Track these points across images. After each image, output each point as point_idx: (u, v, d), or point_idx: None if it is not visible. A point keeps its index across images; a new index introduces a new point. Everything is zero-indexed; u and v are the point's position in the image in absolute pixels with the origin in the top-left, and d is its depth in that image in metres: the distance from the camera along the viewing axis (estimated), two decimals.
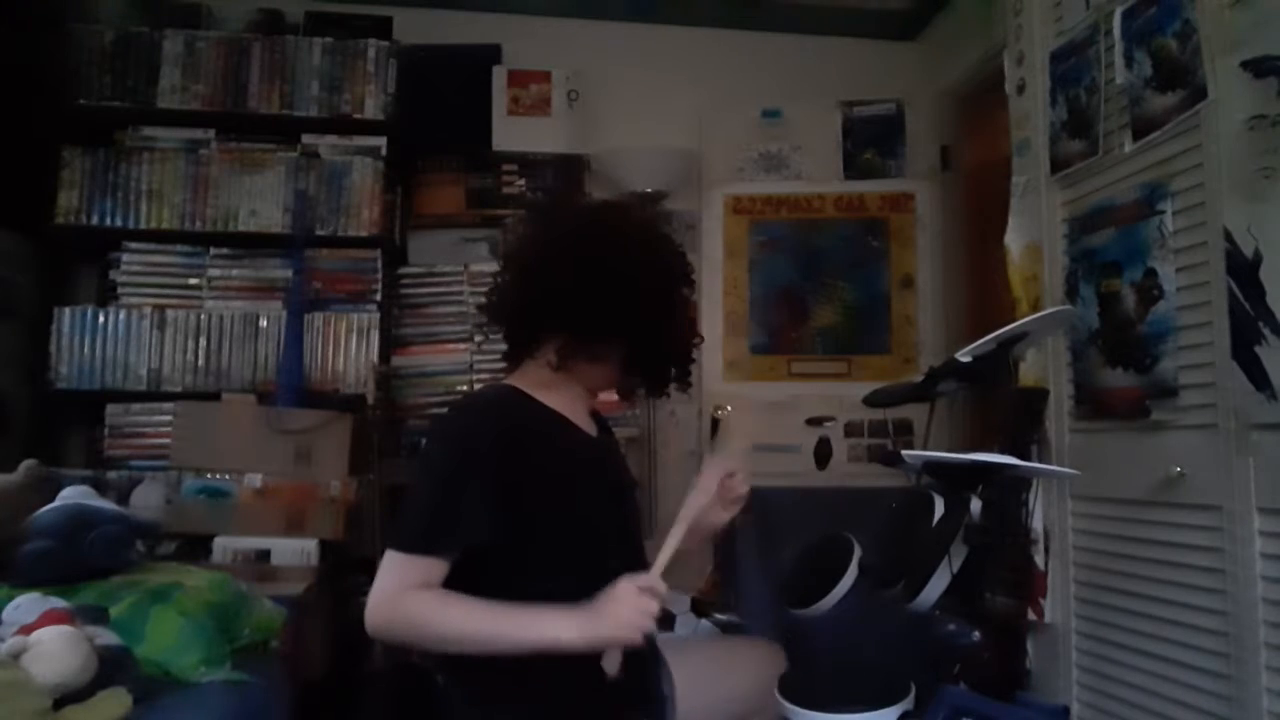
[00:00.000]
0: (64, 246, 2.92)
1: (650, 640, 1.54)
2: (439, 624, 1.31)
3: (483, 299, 1.58)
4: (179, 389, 2.80)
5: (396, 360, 3.08)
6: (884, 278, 3.38)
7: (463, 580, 1.34)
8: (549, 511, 1.40)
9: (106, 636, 1.50)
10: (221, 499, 2.51)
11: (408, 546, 1.34)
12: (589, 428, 1.56)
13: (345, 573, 2.64)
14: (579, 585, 1.38)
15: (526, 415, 1.45)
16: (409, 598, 1.31)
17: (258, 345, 2.86)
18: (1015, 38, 2.35)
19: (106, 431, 2.78)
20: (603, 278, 1.43)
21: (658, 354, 1.52)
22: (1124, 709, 1.90)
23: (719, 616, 2.61)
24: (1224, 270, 1.63)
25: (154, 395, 2.80)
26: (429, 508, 1.35)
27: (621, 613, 1.29)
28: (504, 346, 1.57)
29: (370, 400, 2.81)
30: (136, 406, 2.79)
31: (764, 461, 3.25)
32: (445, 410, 1.59)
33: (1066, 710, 1.96)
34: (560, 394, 1.50)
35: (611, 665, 1.31)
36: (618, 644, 1.30)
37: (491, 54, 3.30)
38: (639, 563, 1.52)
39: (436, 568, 1.33)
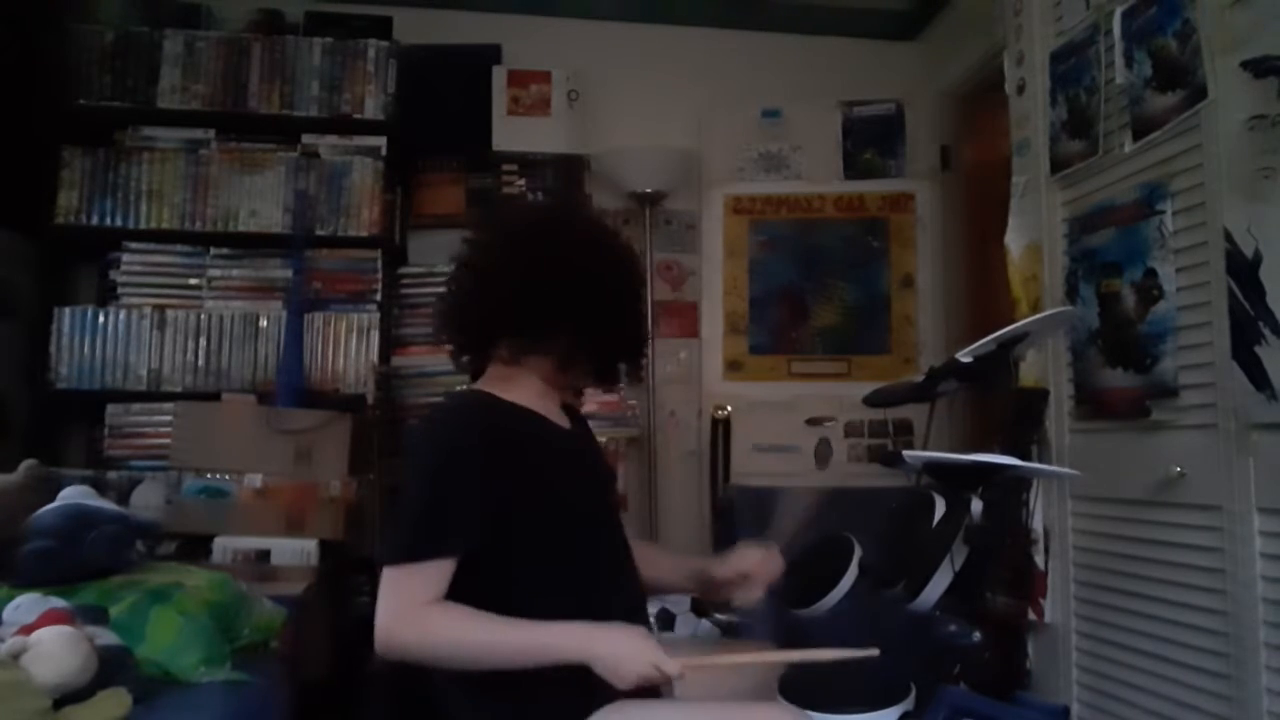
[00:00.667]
0: (64, 246, 2.91)
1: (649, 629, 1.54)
2: (456, 642, 1.31)
3: (435, 307, 1.60)
4: (179, 389, 2.81)
5: (396, 360, 3.08)
6: (884, 278, 3.38)
7: (459, 585, 1.34)
8: (533, 509, 1.40)
9: (106, 636, 1.50)
10: (221, 499, 2.50)
11: (405, 557, 1.33)
12: (561, 421, 1.57)
13: (345, 573, 2.65)
14: (565, 581, 1.39)
15: (503, 415, 1.46)
16: (423, 614, 1.30)
17: (258, 345, 2.86)
18: (1015, 38, 2.35)
19: (106, 431, 2.78)
20: (542, 272, 1.45)
21: (602, 346, 1.54)
22: (1124, 709, 1.90)
23: (719, 616, 2.61)
24: (1224, 270, 1.63)
25: (154, 395, 2.80)
26: (421, 513, 1.35)
27: (631, 669, 1.29)
28: (457, 357, 1.58)
29: (370, 400, 2.81)
30: (136, 406, 2.80)
31: (764, 461, 3.25)
32: (420, 422, 1.61)
33: (1066, 710, 1.96)
34: (526, 391, 1.51)
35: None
36: (609, 677, 1.30)
37: (491, 54, 3.30)
38: (622, 556, 1.54)
39: (437, 574, 1.32)
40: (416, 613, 1.30)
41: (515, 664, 1.31)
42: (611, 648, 1.30)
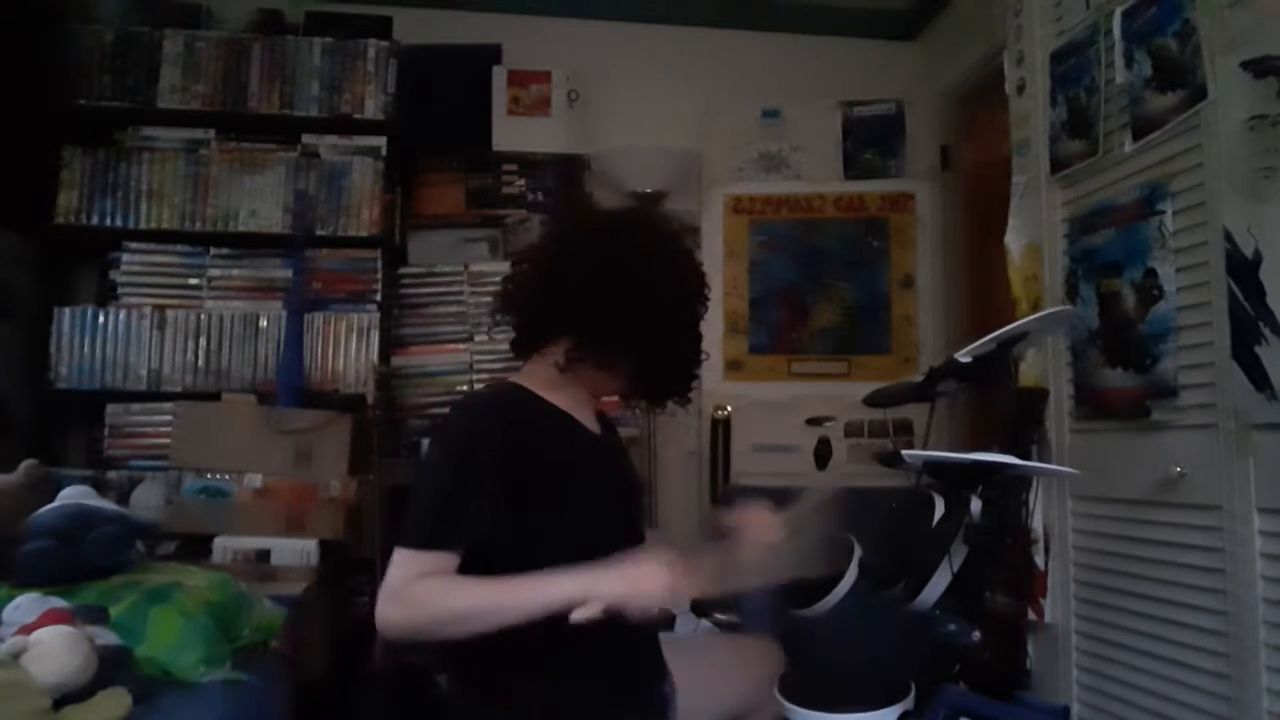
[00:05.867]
0: (64, 246, 2.91)
1: (651, 630, 1.53)
2: (448, 603, 1.29)
3: (498, 287, 1.56)
4: (179, 389, 2.80)
5: (396, 360, 3.08)
6: (884, 278, 3.38)
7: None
8: (555, 508, 1.40)
9: (106, 636, 1.50)
10: (221, 499, 2.50)
11: (414, 542, 1.33)
12: (594, 427, 1.56)
13: (345, 573, 2.65)
14: None
15: (531, 413, 1.45)
16: (417, 585, 1.30)
17: (258, 345, 2.86)
18: (1015, 38, 2.35)
19: (106, 431, 2.78)
20: (620, 285, 1.42)
21: (663, 368, 1.52)
22: (1124, 709, 1.90)
23: (719, 616, 2.61)
24: (1224, 270, 1.63)
25: (154, 395, 2.80)
26: (435, 504, 1.35)
27: (629, 572, 1.27)
28: (506, 345, 1.57)
29: (370, 400, 2.81)
30: (136, 406, 2.79)
31: (764, 461, 3.25)
32: (450, 408, 1.59)
33: (1066, 710, 1.96)
34: (565, 394, 1.50)
35: (581, 614, 1.25)
36: (622, 604, 1.26)
37: (491, 54, 3.30)
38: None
39: (443, 563, 1.33)
40: (407, 588, 1.30)
41: (507, 620, 1.28)
42: (599, 571, 1.27)
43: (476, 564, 1.34)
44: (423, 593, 1.30)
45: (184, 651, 1.60)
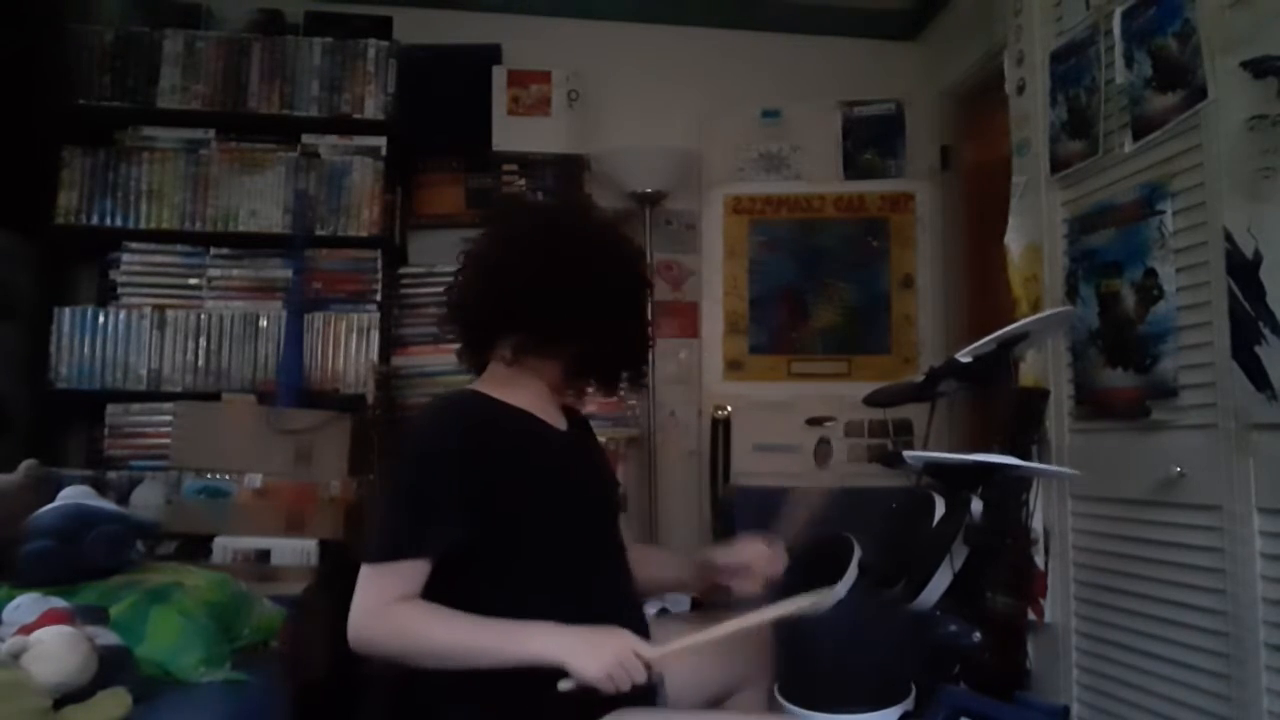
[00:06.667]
0: (64, 246, 2.92)
1: (641, 618, 1.52)
2: (428, 634, 1.30)
3: (443, 299, 1.58)
4: (179, 389, 2.81)
5: (396, 360, 3.08)
6: (884, 278, 3.38)
7: (440, 589, 1.33)
8: (520, 509, 1.39)
9: (106, 636, 1.50)
10: (221, 499, 2.50)
11: (380, 556, 1.33)
12: (559, 423, 1.56)
13: (345, 573, 2.63)
14: (556, 581, 1.38)
15: (491, 414, 1.45)
16: (393, 611, 1.30)
17: (258, 345, 2.86)
18: (1015, 38, 2.35)
19: (106, 431, 2.78)
20: (556, 276, 1.43)
21: (610, 354, 1.53)
22: (1124, 709, 1.90)
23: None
24: (1224, 270, 1.63)
25: (154, 395, 2.80)
26: (397, 513, 1.35)
27: (608, 661, 1.25)
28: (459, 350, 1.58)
29: (370, 400, 2.81)
30: (136, 406, 2.80)
31: (764, 461, 3.25)
32: (409, 419, 1.60)
33: (1066, 710, 1.96)
34: (524, 391, 1.50)
35: (566, 685, 1.26)
36: (587, 681, 1.25)
37: (491, 54, 3.30)
38: (615, 557, 1.53)
39: (412, 573, 1.32)
40: (385, 610, 1.31)
41: (483, 664, 1.29)
42: (579, 644, 1.26)
43: (446, 571, 1.33)
44: (404, 617, 1.30)
45: (184, 651, 1.60)
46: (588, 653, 1.25)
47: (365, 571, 1.33)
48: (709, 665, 1.57)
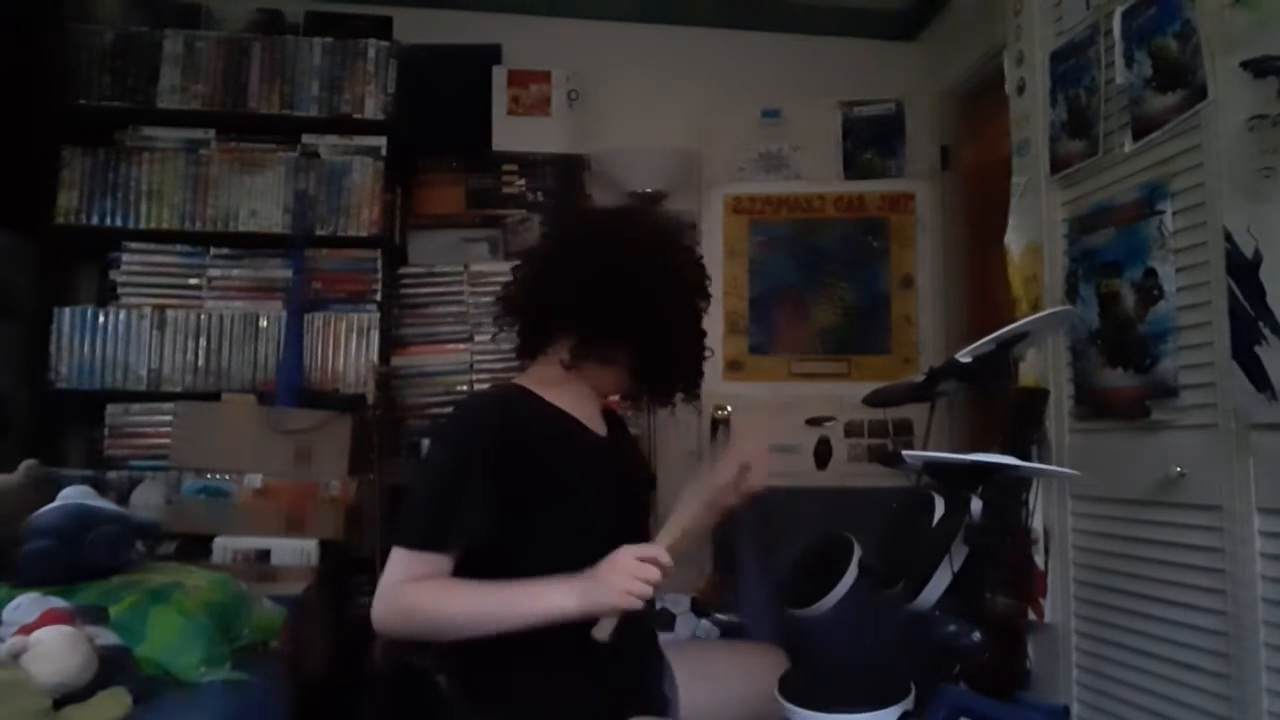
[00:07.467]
0: (64, 246, 2.91)
1: (650, 628, 1.53)
2: (441, 607, 1.31)
3: (499, 292, 1.58)
4: (179, 389, 2.81)
5: (396, 360, 3.08)
6: (884, 278, 3.38)
7: (463, 576, 1.34)
8: (551, 510, 1.40)
9: (106, 636, 1.50)
10: (221, 499, 2.50)
11: (409, 542, 1.35)
12: (598, 427, 1.56)
13: (345, 573, 2.65)
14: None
15: (531, 414, 1.45)
16: (410, 587, 1.32)
17: (258, 345, 2.86)
18: (1015, 38, 2.35)
19: (106, 431, 2.78)
20: (620, 282, 1.43)
21: (666, 364, 1.52)
22: (1124, 709, 1.90)
23: (719, 616, 2.61)
24: (1224, 270, 1.63)
25: (154, 395, 2.80)
26: (430, 505, 1.36)
27: (619, 579, 1.29)
28: (509, 346, 1.58)
29: (370, 400, 2.81)
30: (136, 406, 2.80)
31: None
32: (450, 409, 1.60)
33: (1066, 710, 1.96)
34: (568, 392, 1.50)
35: (602, 632, 1.30)
36: (615, 610, 1.29)
37: (491, 54, 3.30)
38: None
39: (439, 563, 1.34)
40: (399, 589, 1.32)
41: (504, 627, 1.31)
42: (589, 586, 1.29)
43: (474, 569, 1.34)
44: (415, 596, 1.31)
45: (184, 651, 1.60)
46: (599, 588, 1.29)
47: (395, 552, 1.35)
48: (726, 696, 1.57)
